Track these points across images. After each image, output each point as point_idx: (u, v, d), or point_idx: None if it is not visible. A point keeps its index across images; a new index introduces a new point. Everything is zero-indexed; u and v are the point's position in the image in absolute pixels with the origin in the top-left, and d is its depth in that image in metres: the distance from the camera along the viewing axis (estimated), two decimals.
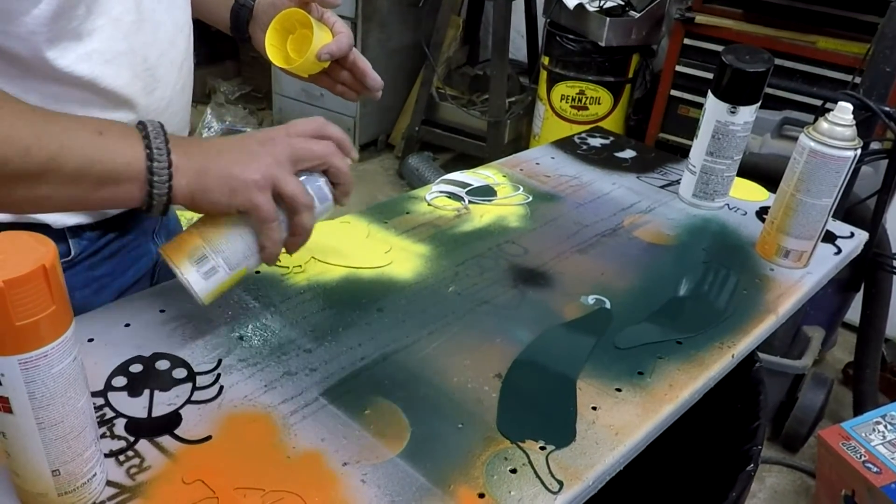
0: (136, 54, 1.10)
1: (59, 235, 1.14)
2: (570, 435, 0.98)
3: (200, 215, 1.05)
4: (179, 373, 1.03)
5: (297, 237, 1.05)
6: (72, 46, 1.00)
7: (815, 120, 1.35)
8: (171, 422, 0.96)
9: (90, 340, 1.07)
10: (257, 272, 1.25)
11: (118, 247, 1.25)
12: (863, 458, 2.35)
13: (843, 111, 1.31)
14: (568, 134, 1.93)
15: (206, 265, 1.01)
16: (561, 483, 0.91)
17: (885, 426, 2.44)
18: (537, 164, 1.73)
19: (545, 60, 4.17)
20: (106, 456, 0.89)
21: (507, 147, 4.40)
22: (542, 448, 0.96)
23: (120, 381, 1.01)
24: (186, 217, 1.21)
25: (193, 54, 1.26)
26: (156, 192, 0.95)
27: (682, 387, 1.09)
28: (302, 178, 1.03)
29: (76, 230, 1.16)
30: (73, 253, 1.17)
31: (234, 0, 1.32)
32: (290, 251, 1.08)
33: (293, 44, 1.26)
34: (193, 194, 0.98)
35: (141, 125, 0.96)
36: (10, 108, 0.88)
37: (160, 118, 1.02)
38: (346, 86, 1.37)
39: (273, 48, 1.25)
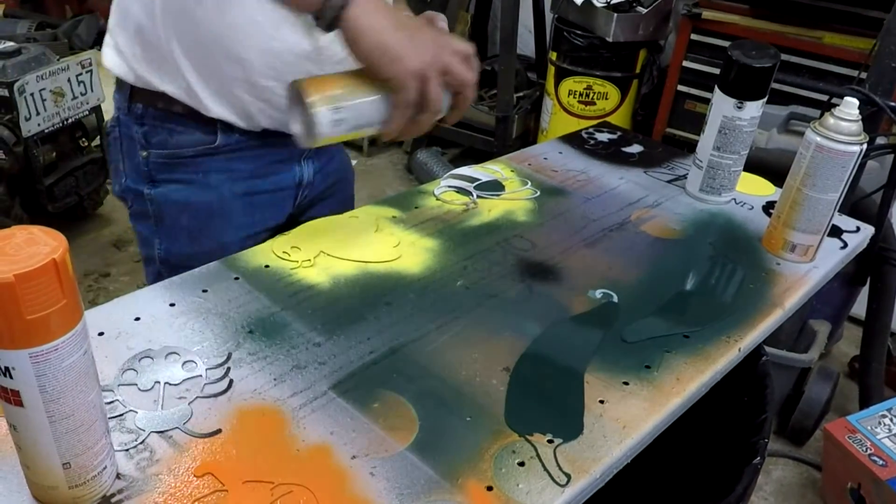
0: None
1: (212, 129, 1.37)
2: (578, 428, 0.99)
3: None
4: (189, 367, 1.04)
5: (411, 129, 1.19)
6: None
7: (822, 115, 1.35)
8: (181, 415, 0.96)
9: (100, 334, 1.07)
10: (266, 266, 1.26)
11: (263, 153, 1.42)
12: (869, 452, 2.35)
13: (849, 106, 1.31)
14: (575, 129, 1.93)
15: (338, 114, 1.09)
16: (569, 476, 0.91)
17: (891, 419, 2.44)
18: (545, 158, 1.73)
19: (553, 56, 4.16)
20: (116, 449, 0.89)
21: (514, 142, 4.40)
22: (550, 441, 0.96)
23: (130, 374, 1.01)
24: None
25: None
26: (328, 4, 1.09)
27: (689, 380, 1.09)
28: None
29: (228, 126, 1.36)
30: (217, 142, 1.39)
31: None
32: (403, 135, 1.21)
33: None
34: (361, 30, 1.10)
35: None
36: None
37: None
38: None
39: None
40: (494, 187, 1.58)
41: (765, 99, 1.48)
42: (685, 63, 3.74)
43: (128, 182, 1.43)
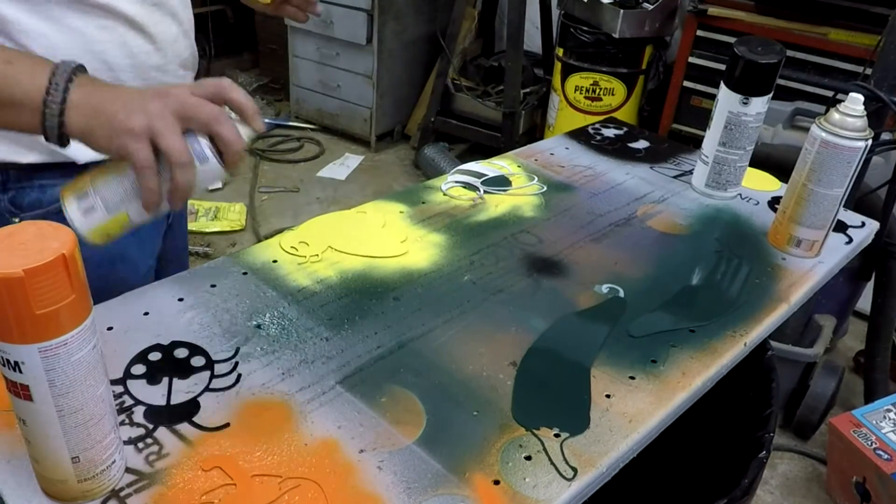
0: None
1: (82, 168, 1.22)
2: (585, 422, 0.99)
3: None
4: (198, 361, 1.04)
5: (175, 192, 1.03)
6: None
7: (827, 111, 1.35)
8: (189, 409, 0.97)
9: (109, 329, 1.08)
10: (274, 261, 1.26)
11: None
12: (873, 446, 2.35)
13: (855, 102, 1.31)
14: (582, 125, 1.93)
15: (85, 203, 1.03)
16: (575, 470, 0.92)
17: None
18: (552, 154, 1.74)
19: (559, 52, 4.16)
20: (125, 443, 0.90)
21: (521, 138, 4.41)
22: (557, 435, 0.97)
23: (139, 368, 1.02)
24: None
25: (212, 46, 1.35)
26: (47, 122, 1.00)
27: (694, 375, 1.09)
28: (188, 137, 1.02)
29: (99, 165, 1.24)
30: None
31: None
32: (171, 205, 1.06)
33: None
34: (83, 132, 1.02)
35: (56, 65, 1.01)
36: None
37: (171, 48, 1.25)
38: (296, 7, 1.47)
39: None
40: (501, 183, 1.58)
41: (770, 95, 1.48)
42: (691, 59, 3.74)
43: None
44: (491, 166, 1.64)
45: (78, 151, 1.17)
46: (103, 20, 1.18)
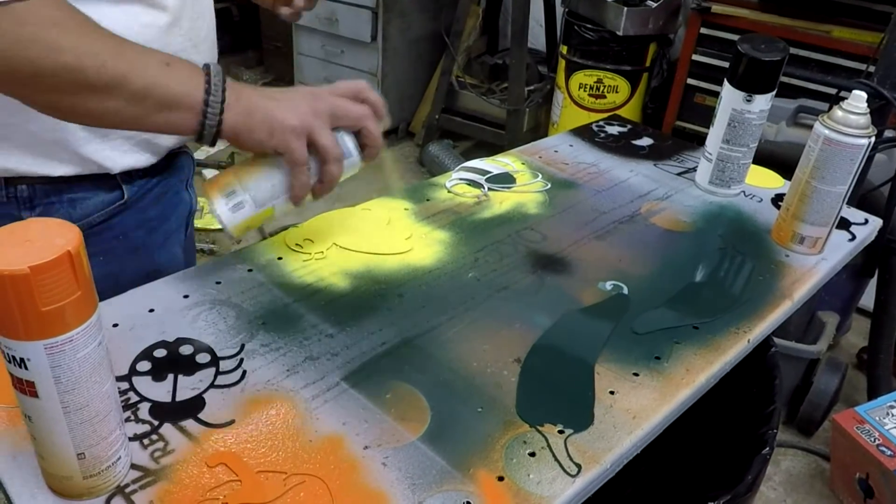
0: None
1: (114, 183, 1.25)
2: (588, 419, 0.99)
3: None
4: (203, 357, 1.04)
5: (324, 184, 1.17)
6: None
7: (830, 108, 1.35)
8: (194, 406, 0.97)
9: (115, 325, 1.08)
10: (279, 258, 1.26)
11: (162, 190, 1.35)
12: (877, 442, 2.36)
13: (858, 99, 1.31)
14: (586, 122, 1.93)
15: (234, 199, 1.12)
16: (579, 466, 0.92)
17: None
18: (556, 151, 1.74)
19: (563, 49, 4.16)
20: (130, 439, 0.90)
21: (525, 135, 4.41)
22: (561, 432, 0.97)
23: (144, 365, 1.02)
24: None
25: (217, 43, 1.34)
26: (208, 122, 1.05)
27: (698, 371, 1.09)
28: (337, 134, 1.14)
29: (129, 175, 1.26)
30: (126, 196, 1.27)
31: None
32: (315, 197, 1.19)
33: None
34: (238, 130, 1.07)
35: (206, 66, 1.06)
36: (93, 27, 0.98)
37: (194, 26, 1.25)
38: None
39: None
40: (505, 180, 1.58)
41: (774, 92, 1.48)
42: (695, 57, 3.74)
43: None
44: (495, 163, 1.64)
45: (112, 161, 1.22)
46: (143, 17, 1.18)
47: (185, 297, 1.16)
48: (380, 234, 1.36)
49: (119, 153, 1.22)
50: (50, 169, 1.17)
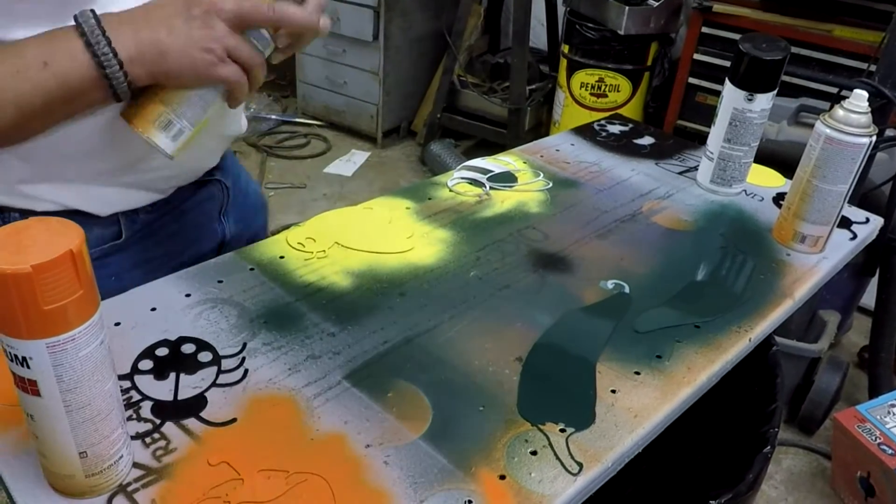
0: None
1: (110, 220, 1.20)
2: (590, 417, 0.99)
3: None
4: (205, 356, 1.04)
5: (253, 86, 1.08)
6: None
7: (831, 107, 1.35)
8: (196, 404, 0.97)
9: (117, 324, 1.08)
10: (281, 257, 1.26)
11: (177, 228, 1.31)
12: (878, 441, 2.36)
13: (859, 99, 1.31)
14: (587, 121, 1.93)
15: (172, 129, 1.06)
16: (580, 465, 0.92)
17: None
18: (557, 150, 1.74)
19: (565, 48, 4.17)
20: (132, 438, 0.90)
21: (527, 134, 4.42)
22: (562, 430, 0.97)
23: (146, 364, 1.02)
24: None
25: None
26: (118, 90, 1.00)
27: (699, 370, 1.09)
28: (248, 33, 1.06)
29: (130, 213, 1.23)
30: (124, 235, 1.23)
31: None
32: (248, 93, 1.10)
33: None
34: (155, 77, 1.02)
35: (78, 25, 0.97)
36: None
37: None
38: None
39: None
40: (507, 179, 1.58)
41: (775, 91, 1.48)
42: (696, 56, 3.75)
43: None
44: (497, 162, 1.64)
45: (100, 204, 1.19)
46: None
47: (187, 295, 1.16)
48: (381, 233, 1.36)
49: (105, 199, 1.20)
50: (32, 205, 1.16)
